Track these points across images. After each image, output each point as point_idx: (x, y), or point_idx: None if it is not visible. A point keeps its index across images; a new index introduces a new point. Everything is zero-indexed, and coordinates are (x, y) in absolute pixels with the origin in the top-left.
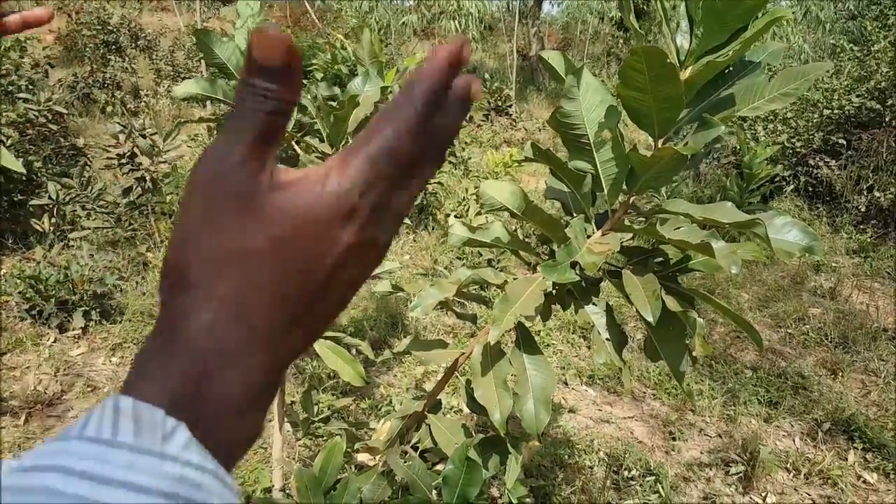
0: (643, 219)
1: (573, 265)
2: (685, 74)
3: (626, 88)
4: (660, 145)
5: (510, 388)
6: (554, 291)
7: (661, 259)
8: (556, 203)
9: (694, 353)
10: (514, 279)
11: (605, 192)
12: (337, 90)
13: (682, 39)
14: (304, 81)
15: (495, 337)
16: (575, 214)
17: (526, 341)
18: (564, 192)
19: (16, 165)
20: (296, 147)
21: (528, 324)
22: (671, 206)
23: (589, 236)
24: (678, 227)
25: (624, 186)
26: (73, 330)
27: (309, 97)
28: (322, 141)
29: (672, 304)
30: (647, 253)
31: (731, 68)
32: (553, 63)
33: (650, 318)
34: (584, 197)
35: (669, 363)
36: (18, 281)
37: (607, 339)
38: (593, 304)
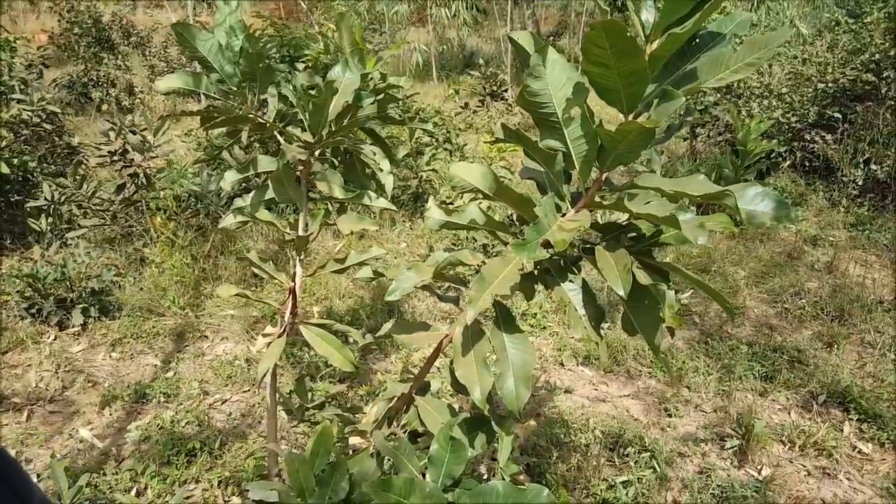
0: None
1: (546, 244)
2: (651, 48)
3: (591, 64)
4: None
5: (490, 367)
6: (535, 271)
7: (634, 234)
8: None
9: (665, 325)
10: (493, 259)
11: (577, 169)
12: (318, 79)
13: (648, 14)
14: (288, 71)
15: (471, 317)
16: (549, 193)
17: (505, 320)
18: (539, 171)
19: None
20: (278, 137)
21: (507, 303)
22: (643, 181)
23: (565, 214)
24: (649, 202)
25: (596, 163)
26: (73, 327)
27: (290, 87)
28: (304, 130)
29: (643, 277)
30: (620, 229)
31: (697, 41)
32: (522, 43)
33: (621, 292)
34: (556, 175)
35: (645, 336)
36: (17, 280)
37: (584, 315)
38: (570, 281)
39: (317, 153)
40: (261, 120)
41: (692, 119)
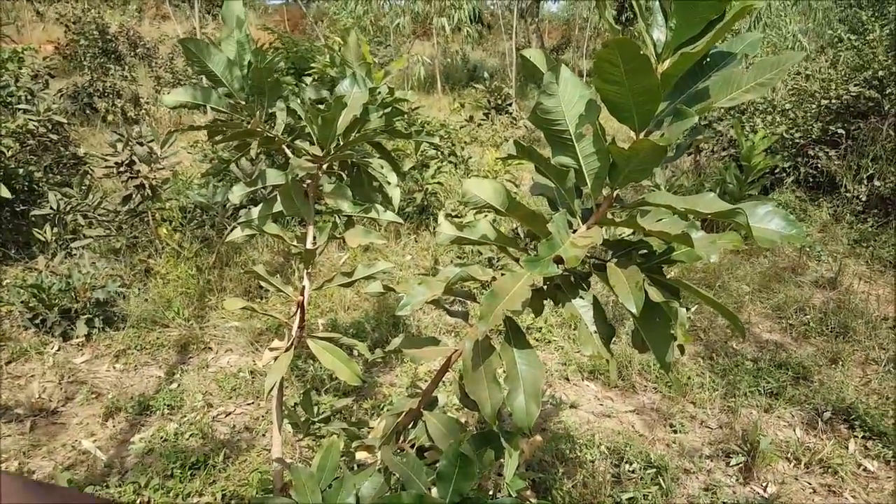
0: (627, 211)
1: (558, 260)
2: (663, 67)
3: (603, 82)
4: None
5: (500, 383)
6: (545, 287)
7: (645, 251)
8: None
9: (676, 343)
10: (503, 275)
11: (589, 186)
12: (325, 93)
13: (660, 33)
14: (295, 84)
15: (482, 332)
16: (561, 210)
17: (515, 335)
18: (550, 187)
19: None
20: (287, 151)
21: (516, 318)
22: (653, 198)
23: (575, 230)
24: (660, 219)
25: (607, 180)
26: (77, 338)
27: (298, 101)
28: (312, 144)
29: (655, 294)
30: (631, 245)
31: (708, 60)
32: (534, 61)
33: (633, 309)
34: (568, 192)
35: (656, 353)
36: (21, 290)
37: (594, 332)
38: (580, 297)
39: (324, 166)
40: (269, 134)
41: (702, 137)
